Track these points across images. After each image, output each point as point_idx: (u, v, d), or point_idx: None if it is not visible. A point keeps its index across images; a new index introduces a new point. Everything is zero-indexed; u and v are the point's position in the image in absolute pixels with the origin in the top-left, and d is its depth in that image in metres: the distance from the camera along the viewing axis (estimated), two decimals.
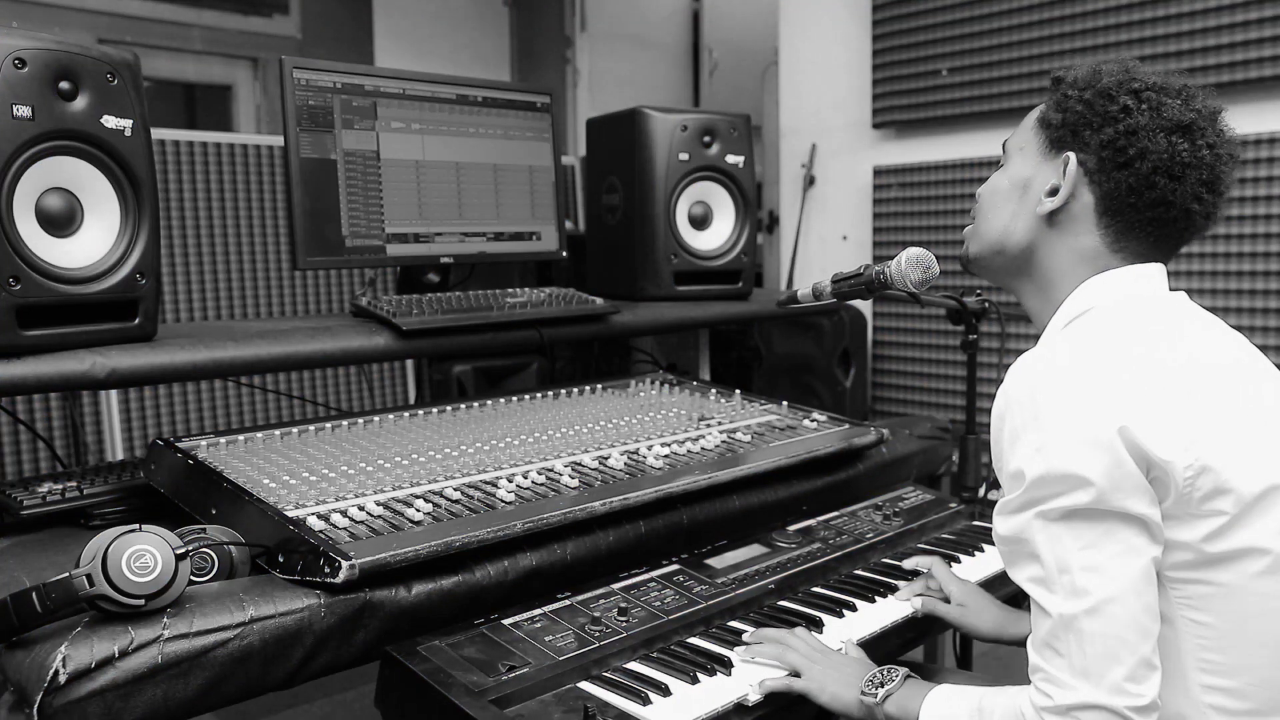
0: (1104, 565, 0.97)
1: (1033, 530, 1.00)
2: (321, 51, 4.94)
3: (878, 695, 1.16)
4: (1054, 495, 0.98)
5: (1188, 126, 1.09)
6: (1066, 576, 0.98)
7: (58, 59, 1.39)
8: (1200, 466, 0.97)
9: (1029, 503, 1.01)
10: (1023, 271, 1.20)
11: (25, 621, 1.01)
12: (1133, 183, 1.09)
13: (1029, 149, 1.19)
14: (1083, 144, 1.12)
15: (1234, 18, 2.90)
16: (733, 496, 1.61)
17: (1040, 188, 1.16)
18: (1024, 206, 1.18)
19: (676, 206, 2.23)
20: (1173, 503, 0.98)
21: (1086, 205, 1.13)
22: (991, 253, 1.22)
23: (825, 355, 3.83)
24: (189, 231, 3.14)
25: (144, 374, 1.46)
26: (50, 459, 2.87)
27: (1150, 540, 0.98)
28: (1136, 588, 0.97)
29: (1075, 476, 0.97)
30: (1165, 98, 1.10)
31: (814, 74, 4.12)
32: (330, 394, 3.47)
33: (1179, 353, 1.05)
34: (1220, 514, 0.98)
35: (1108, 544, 0.97)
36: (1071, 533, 0.98)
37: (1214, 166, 1.10)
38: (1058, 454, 0.98)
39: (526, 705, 1.12)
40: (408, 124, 1.95)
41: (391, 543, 1.20)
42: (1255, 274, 2.93)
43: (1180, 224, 1.12)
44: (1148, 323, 1.09)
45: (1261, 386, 1.08)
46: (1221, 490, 0.98)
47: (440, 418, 1.75)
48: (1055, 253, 1.16)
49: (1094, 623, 0.96)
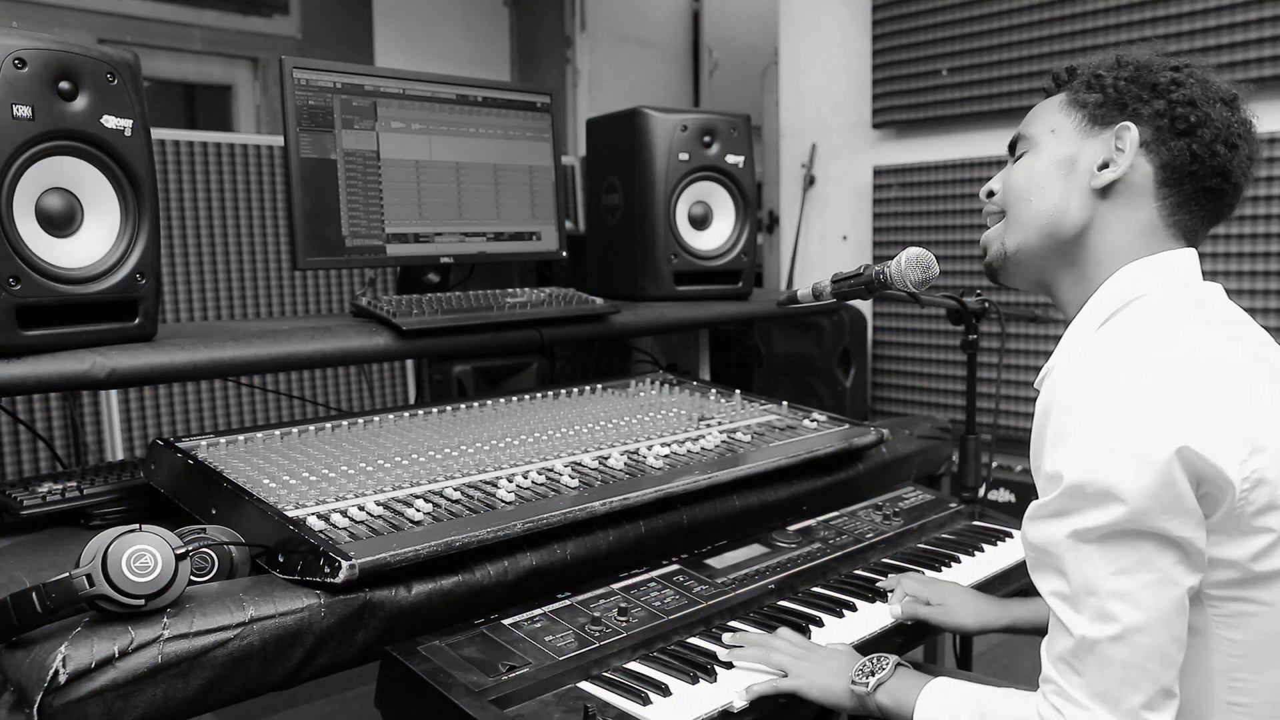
0: (1135, 593, 0.92)
1: (1063, 547, 0.95)
2: (321, 51, 4.94)
3: (869, 684, 1.13)
4: (1088, 508, 0.93)
5: (1233, 100, 1.10)
6: (1094, 599, 0.93)
7: (58, 59, 1.39)
8: (1257, 479, 0.93)
9: (1061, 512, 0.95)
10: (1067, 257, 1.13)
11: (25, 621, 1.00)
12: (1196, 149, 1.07)
13: (1063, 130, 1.14)
14: (1135, 115, 1.09)
15: (1234, 18, 2.90)
16: (733, 496, 1.61)
17: (1090, 162, 1.11)
18: (1074, 183, 1.12)
19: (676, 206, 2.23)
20: (1222, 517, 0.93)
21: (1146, 175, 1.09)
22: (1041, 237, 1.14)
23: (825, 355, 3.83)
24: (189, 231, 3.14)
25: (144, 374, 1.45)
26: (50, 459, 2.87)
27: (1189, 569, 0.93)
28: (1167, 619, 0.92)
29: (1114, 492, 0.91)
30: (1206, 74, 1.11)
31: (814, 74, 4.12)
32: (330, 394, 3.47)
33: (1238, 352, 1.00)
34: (1269, 531, 0.94)
35: (1142, 571, 0.92)
36: (1104, 555, 0.93)
37: (1253, 142, 1.10)
38: (1102, 464, 0.92)
39: (526, 705, 1.12)
40: (408, 124, 1.95)
41: (391, 543, 1.20)
42: (1256, 274, 2.93)
43: (1228, 197, 1.11)
44: (1202, 319, 1.04)
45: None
46: (1275, 506, 0.94)
47: (440, 418, 1.75)
48: (1110, 228, 1.10)
49: (1118, 650, 0.92)
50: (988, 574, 1.61)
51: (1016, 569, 1.63)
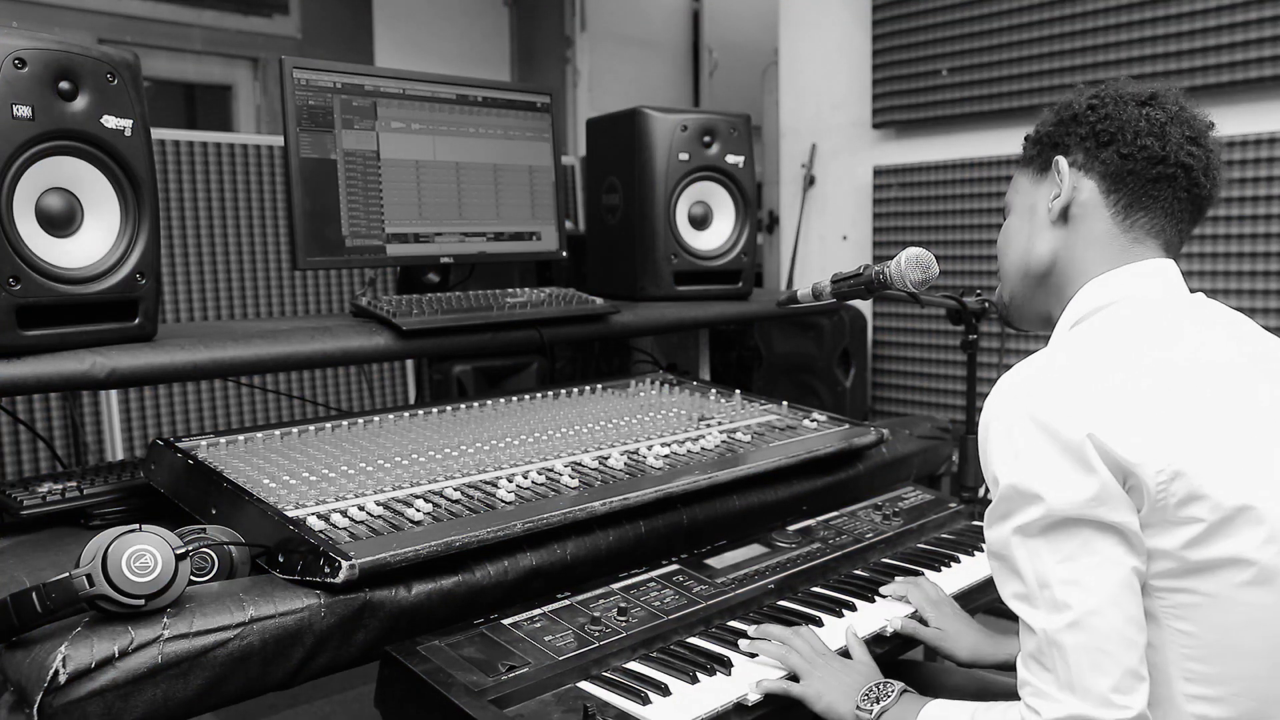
0: (1082, 578, 0.96)
1: (1012, 546, 1.01)
2: (321, 51, 4.94)
3: (872, 712, 1.15)
4: (1027, 504, 0.98)
5: (1150, 97, 1.16)
6: (1047, 591, 0.98)
7: (58, 59, 1.39)
8: (1173, 472, 0.96)
9: (1005, 513, 1.01)
10: (1047, 288, 1.21)
11: (25, 621, 1.01)
12: (1124, 151, 1.13)
13: (1022, 188, 1.25)
14: (1065, 148, 1.19)
15: (1234, 18, 2.90)
16: (733, 496, 1.61)
17: (1044, 202, 1.20)
18: (1036, 224, 1.21)
19: (676, 206, 2.23)
20: (1148, 510, 0.97)
21: (1091, 190, 1.16)
22: (1021, 278, 1.24)
23: (825, 355, 3.83)
24: (189, 231, 3.14)
25: (144, 374, 1.46)
26: (50, 459, 2.87)
27: (1129, 549, 0.97)
28: (1116, 599, 0.96)
29: (1045, 485, 0.97)
30: (1124, 90, 1.18)
31: (814, 74, 4.12)
32: (330, 394, 3.47)
33: (1167, 354, 1.04)
34: (1197, 520, 0.97)
35: (1085, 556, 0.97)
36: (1049, 546, 0.98)
37: (1190, 122, 1.14)
38: (1030, 464, 0.98)
39: (526, 705, 1.12)
40: (408, 124, 1.95)
41: (391, 543, 1.20)
42: (1255, 274, 2.93)
43: (1182, 182, 1.13)
44: (1141, 324, 1.08)
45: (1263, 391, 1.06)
46: (1196, 496, 0.96)
47: (440, 418, 1.75)
48: (1073, 247, 1.18)
49: (1076, 636, 0.96)
50: (987, 574, 1.61)
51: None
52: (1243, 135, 2.91)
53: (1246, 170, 2.92)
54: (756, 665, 1.25)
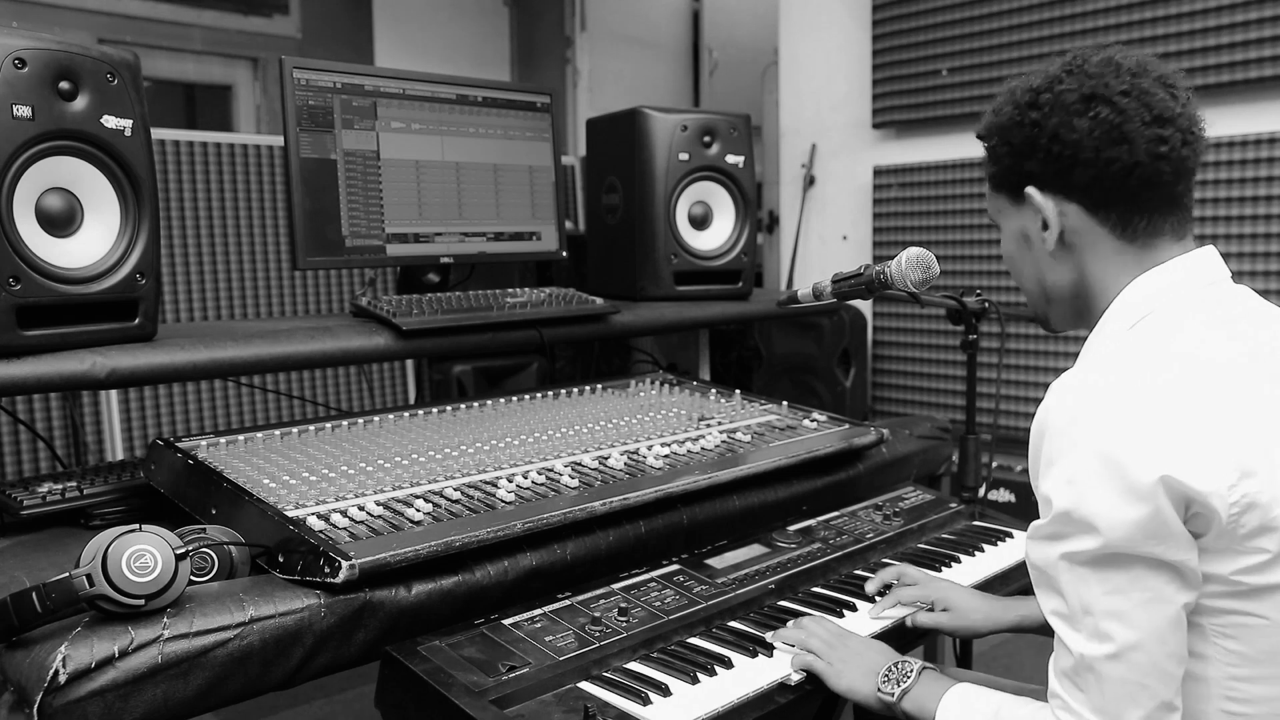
0: (1129, 612, 0.94)
1: (1058, 569, 0.97)
2: (321, 51, 4.94)
3: (895, 694, 1.15)
4: (1079, 533, 0.95)
5: (1091, 96, 1.06)
6: (1090, 619, 0.95)
7: (58, 59, 1.39)
8: (1246, 504, 0.92)
9: (1055, 536, 0.98)
10: (1077, 307, 1.16)
11: (25, 621, 1.00)
12: (1091, 172, 1.06)
13: (1003, 209, 1.19)
14: (1030, 177, 1.11)
15: (1234, 18, 2.90)
16: (733, 496, 1.61)
17: (1036, 232, 1.14)
18: (1038, 253, 1.16)
19: (676, 206, 2.23)
20: (1214, 537, 0.94)
21: (1077, 214, 1.10)
22: (1046, 304, 1.19)
23: (825, 355, 3.83)
24: (189, 231, 3.14)
25: (144, 374, 1.45)
26: (50, 459, 2.87)
27: (1181, 587, 0.94)
28: (1161, 635, 0.94)
29: (1101, 523, 0.93)
30: (1060, 87, 1.08)
31: (814, 74, 4.12)
32: (330, 394, 3.47)
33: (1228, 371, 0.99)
34: (1263, 552, 0.94)
35: (1134, 591, 0.94)
36: (1097, 576, 0.95)
37: (1146, 105, 1.05)
38: (1089, 495, 0.94)
39: (526, 705, 1.12)
40: (408, 124, 1.95)
41: (391, 543, 1.20)
42: (1255, 274, 2.93)
43: (1166, 171, 1.05)
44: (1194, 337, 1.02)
45: None
46: (1267, 529, 0.93)
47: (440, 418, 1.75)
48: (1090, 270, 1.12)
49: (1115, 668, 0.94)
50: (988, 574, 1.61)
51: (1016, 569, 1.63)
52: (1243, 135, 2.91)
53: (1246, 170, 2.92)
54: (757, 665, 1.25)
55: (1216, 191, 2.98)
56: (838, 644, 1.25)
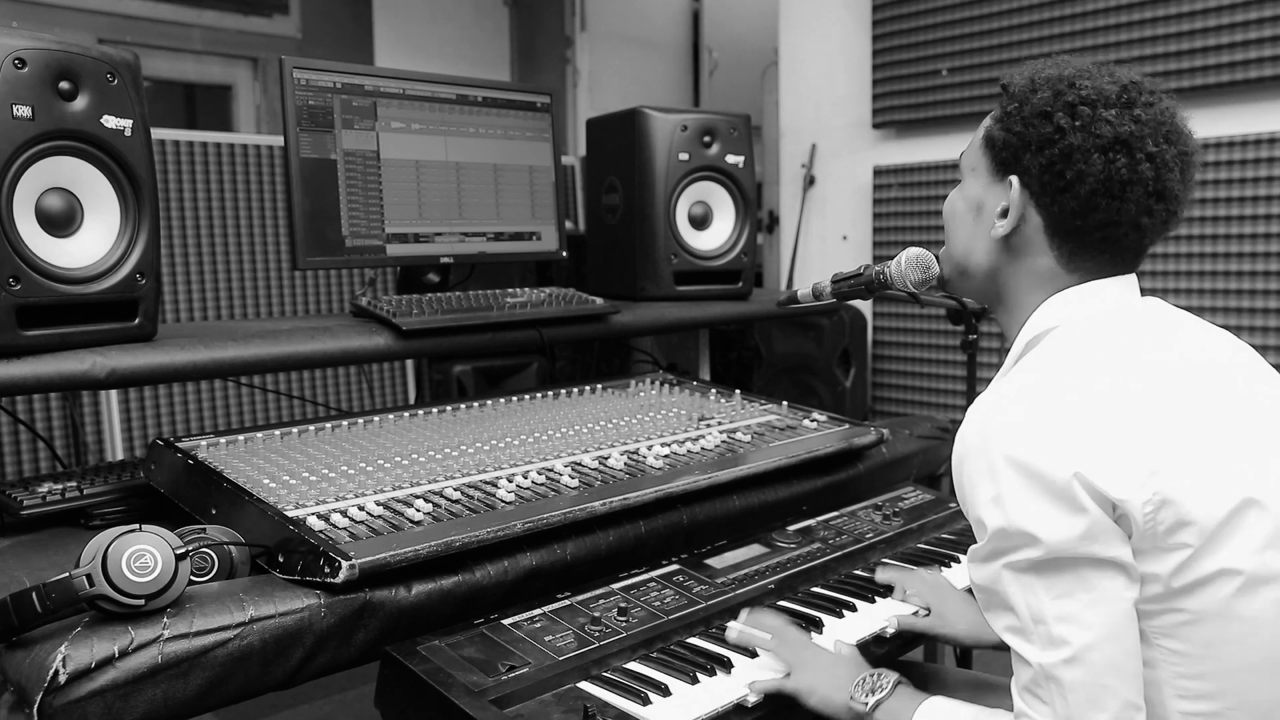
0: (1079, 614, 0.94)
1: (1004, 581, 0.98)
2: (321, 51, 4.94)
3: (868, 704, 1.14)
4: (1019, 546, 0.96)
5: (1124, 141, 1.03)
6: (1042, 627, 0.95)
7: (58, 59, 1.39)
8: (1159, 501, 0.94)
9: (995, 553, 0.98)
10: (989, 292, 1.18)
11: (25, 621, 1.01)
12: (1075, 206, 1.05)
13: (980, 169, 1.16)
14: (1024, 168, 1.09)
15: (1234, 18, 2.90)
16: (733, 496, 1.61)
17: (992, 210, 1.13)
18: (980, 229, 1.16)
19: (676, 206, 2.23)
20: (1138, 538, 0.95)
21: (1036, 227, 1.10)
22: (957, 275, 1.22)
23: (825, 355, 3.83)
24: (189, 231, 3.14)
25: (144, 374, 1.45)
26: (50, 459, 2.88)
27: (1128, 581, 0.95)
28: (1114, 633, 0.94)
29: (1036, 532, 0.94)
30: (1101, 110, 1.04)
31: (814, 74, 4.12)
32: (330, 394, 3.47)
33: (1135, 376, 1.01)
34: (1185, 546, 0.95)
35: (1081, 592, 0.94)
36: (1043, 582, 0.95)
37: (1159, 178, 1.04)
38: (1017, 508, 0.95)
39: (526, 705, 1.12)
40: (408, 124, 1.95)
41: (391, 543, 1.20)
42: (1255, 274, 2.93)
43: (1133, 237, 1.08)
44: (1102, 346, 1.05)
45: (1233, 389, 1.04)
46: (1184, 523, 0.94)
47: (440, 418, 1.75)
48: (1014, 274, 1.13)
49: (1074, 672, 0.94)
50: None
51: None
52: (1243, 135, 2.91)
53: (1246, 170, 2.92)
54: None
55: (1216, 191, 2.98)
56: (809, 657, 1.22)
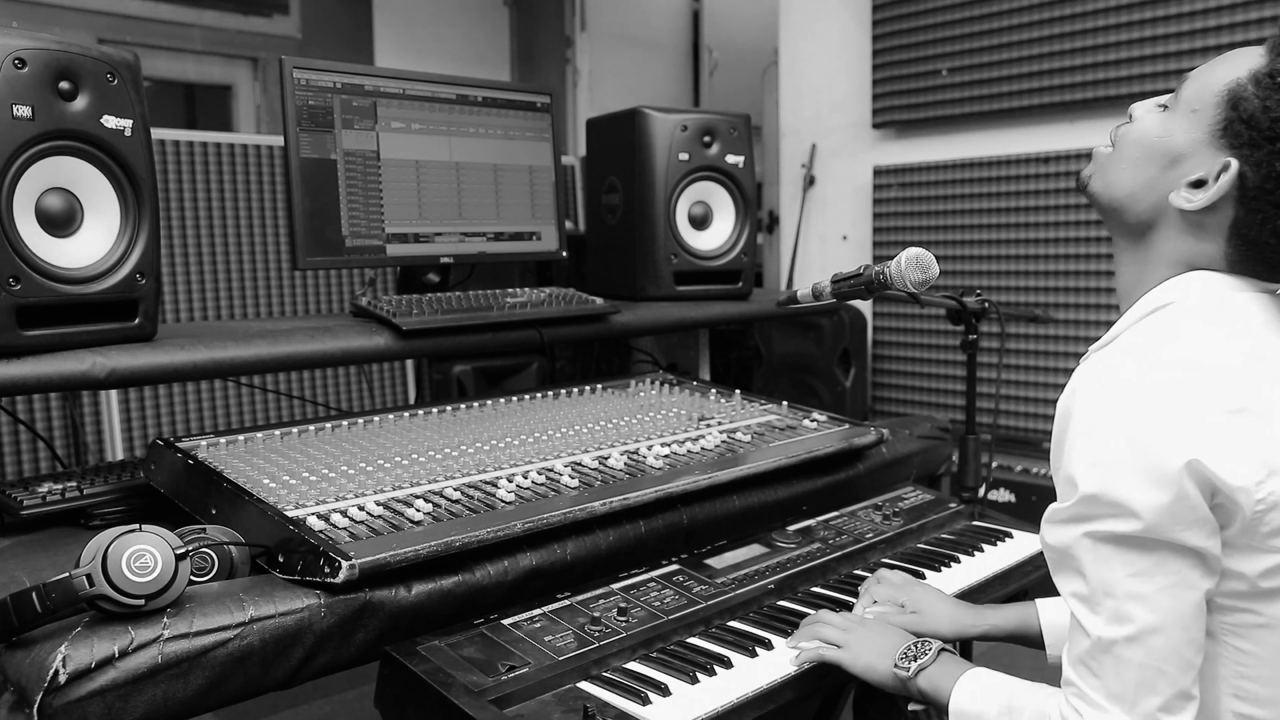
0: (1151, 596, 0.93)
1: (1081, 548, 0.96)
2: (321, 51, 4.94)
3: (910, 669, 1.15)
4: (1103, 516, 0.94)
5: None
6: (1111, 601, 0.94)
7: (58, 59, 1.39)
8: (1272, 501, 0.92)
9: (1078, 518, 0.97)
10: (1129, 239, 1.10)
11: (25, 621, 1.00)
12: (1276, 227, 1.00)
13: (1203, 117, 1.03)
14: (1256, 160, 0.99)
15: (1234, 18, 2.90)
16: (733, 496, 1.61)
17: (1188, 171, 1.03)
18: (1162, 181, 1.05)
19: (676, 206, 2.23)
20: (1237, 531, 0.93)
21: (1224, 219, 1.02)
22: (1109, 207, 1.11)
23: (825, 355, 3.83)
24: (189, 231, 3.14)
25: (144, 374, 1.45)
26: (50, 459, 2.88)
27: (1205, 573, 0.94)
28: (1183, 621, 0.93)
29: (1128, 506, 0.93)
30: None
31: (814, 74, 4.12)
32: (330, 394, 3.47)
33: (1264, 364, 0.98)
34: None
35: (1158, 575, 0.93)
36: (1121, 558, 0.94)
37: None
38: (1115, 478, 0.93)
39: (526, 705, 1.12)
40: (408, 124, 1.95)
41: (391, 543, 1.20)
42: None
43: None
44: (1235, 328, 1.01)
45: None
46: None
47: (440, 418, 1.75)
48: (1170, 242, 1.06)
49: (1134, 651, 0.93)
50: (987, 574, 1.61)
51: (1016, 569, 1.63)
52: None
53: None
54: (756, 665, 1.25)
55: None
56: (854, 627, 1.25)
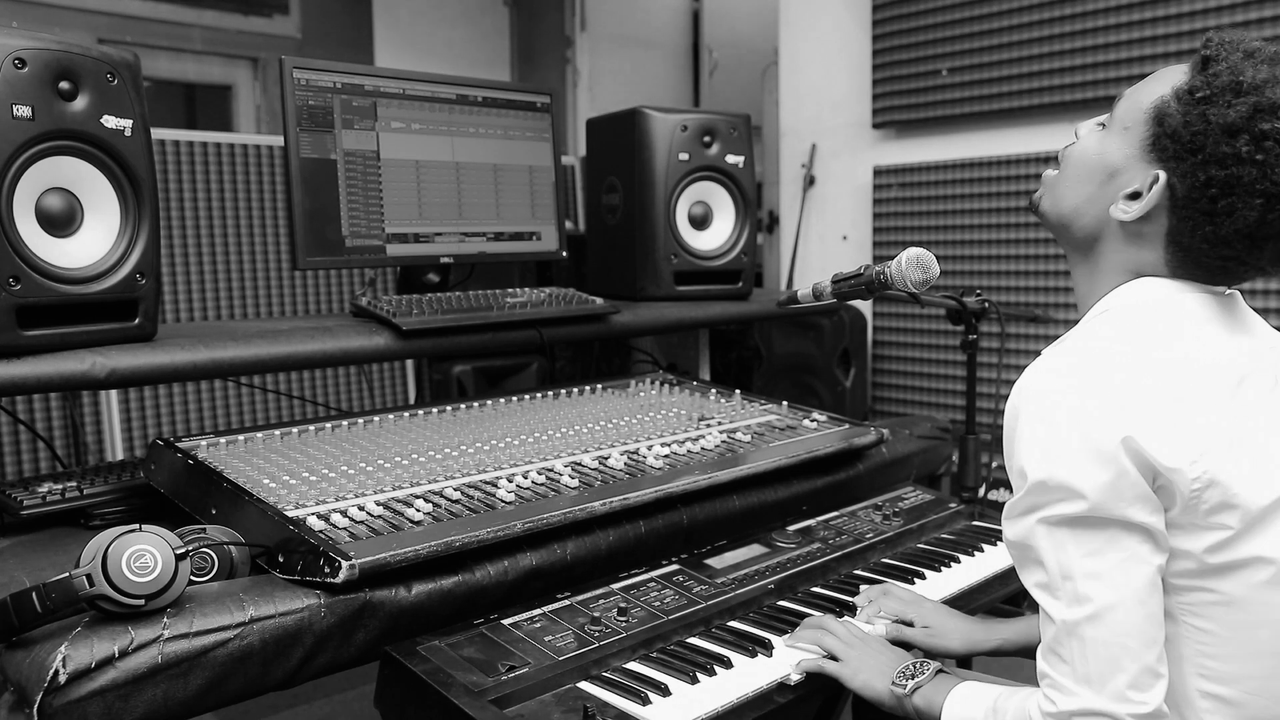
0: (1107, 573, 0.96)
1: (1037, 536, 1.00)
2: (321, 51, 4.94)
3: (907, 687, 1.17)
4: (1054, 501, 0.98)
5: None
6: (1069, 583, 0.98)
7: (58, 59, 1.39)
8: (1208, 480, 0.96)
9: (1031, 507, 1.01)
10: (1079, 253, 1.15)
11: (25, 621, 1.01)
12: (1210, 235, 1.02)
13: (1134, 134, 1.07)
14: (1182, 172, 1.02)
15: (1234, 18, 2.90)
16: (733, 496, 1.61)
17: (1124, 185, 1.07)
18: (1101, 195, 1.09)
19: (676, 206, 2.23)
20: (1179, 512, 0.98)
21: (1160, 228, 1.06)
22: (1058, 224, 1.16)
23: (825, 355, 3.83)
24: (189, 231, 3.14)
25: (144, 374, 1.45)
26: (50, 459, 2.88)
27: (1155, 549, 0.98)
28: (1139, 596, 0.97)
29: (1074, 487, 0.97)
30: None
31: (814, 74, 4.12)
32: (330, 394, 3.47)
33: (1199, 356, 1.03)
34: (1225, 528, 0.98)
35: (1111, 552, 0.97)
36: (1074, 539, 0.98)
37: None
38: (1060, 461, 0.98)
39: (526, 705, 1.12)
40: (408, 124, 1.95)
41: (391, 543, 1.20)
42: None
43: (1250, 275, 1.07)
44: (1171, 322, 1.06)
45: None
46: (1229, 505, 0.97)
47: (440, 418, 1.75)
48: (1115, 252, 1.10)
49: (1096, 630, 0.96)
50: (987, 574, 1.61)
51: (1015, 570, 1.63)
52: None
53: None
54: (756, 665, 1.25)
55: None
56: (857, 643, 1.26)
